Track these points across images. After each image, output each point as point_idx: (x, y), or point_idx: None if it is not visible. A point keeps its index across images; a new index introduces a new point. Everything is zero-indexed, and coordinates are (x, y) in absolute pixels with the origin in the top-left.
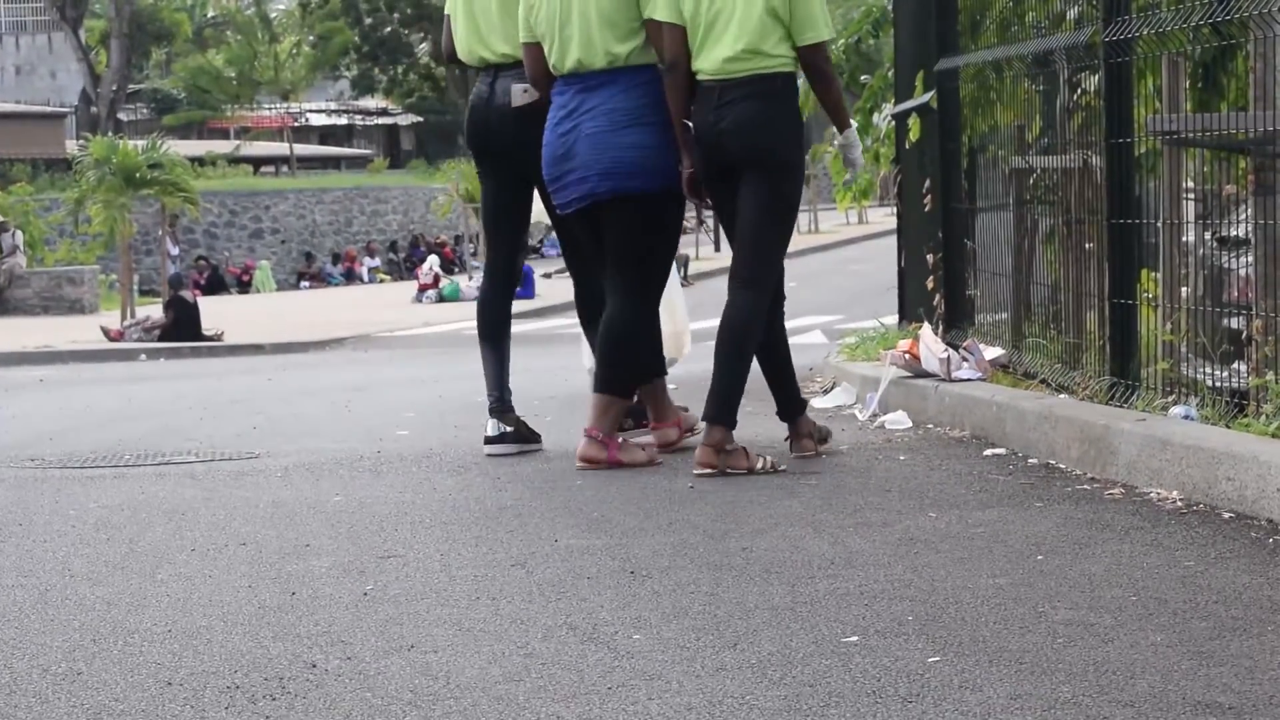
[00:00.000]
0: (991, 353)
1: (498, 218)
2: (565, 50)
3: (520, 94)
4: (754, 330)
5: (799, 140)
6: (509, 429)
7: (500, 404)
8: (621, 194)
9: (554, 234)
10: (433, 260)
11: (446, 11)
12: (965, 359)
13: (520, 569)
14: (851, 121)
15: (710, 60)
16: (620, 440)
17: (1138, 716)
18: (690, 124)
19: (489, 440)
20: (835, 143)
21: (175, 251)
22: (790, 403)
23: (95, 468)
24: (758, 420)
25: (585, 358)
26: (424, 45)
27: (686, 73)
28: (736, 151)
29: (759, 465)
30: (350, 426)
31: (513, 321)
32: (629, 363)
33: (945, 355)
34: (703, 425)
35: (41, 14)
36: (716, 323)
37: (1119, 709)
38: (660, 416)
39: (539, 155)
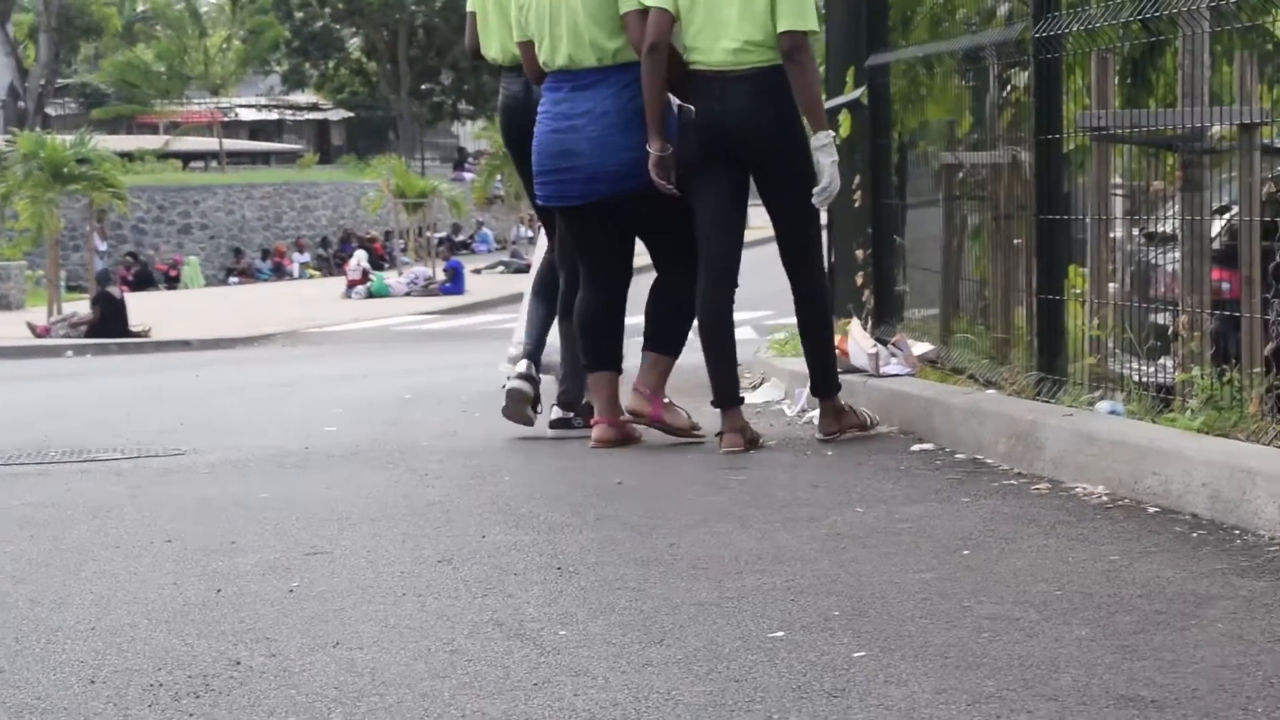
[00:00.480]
0: (920, 348)
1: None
2: (556, 47)
3: None
4: (828, 305)
5: (801, 126)
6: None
7: (531, 357)
8: (628, 193)
9: (484, 230)
10: (360, 256)
11: (470, 9)
12: (894, 354)
13: (447, 565)
14: (829, 129)
15: (713, 51)
16: (666, 401)
17: (1061, 710)
18: (676, 107)
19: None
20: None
21: (104, 247)
22: (727, 395)
23: (19, 464)
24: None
25: (512, 346)
26: (355, 40)
27: (666, 56)
28: (742, 144)
29: (868, 422)
30: (277, 423)
31: (440, 318)
32: (676, 322)
33: (874, 351)
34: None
35: None
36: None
37: (1043, 703)
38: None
39: None
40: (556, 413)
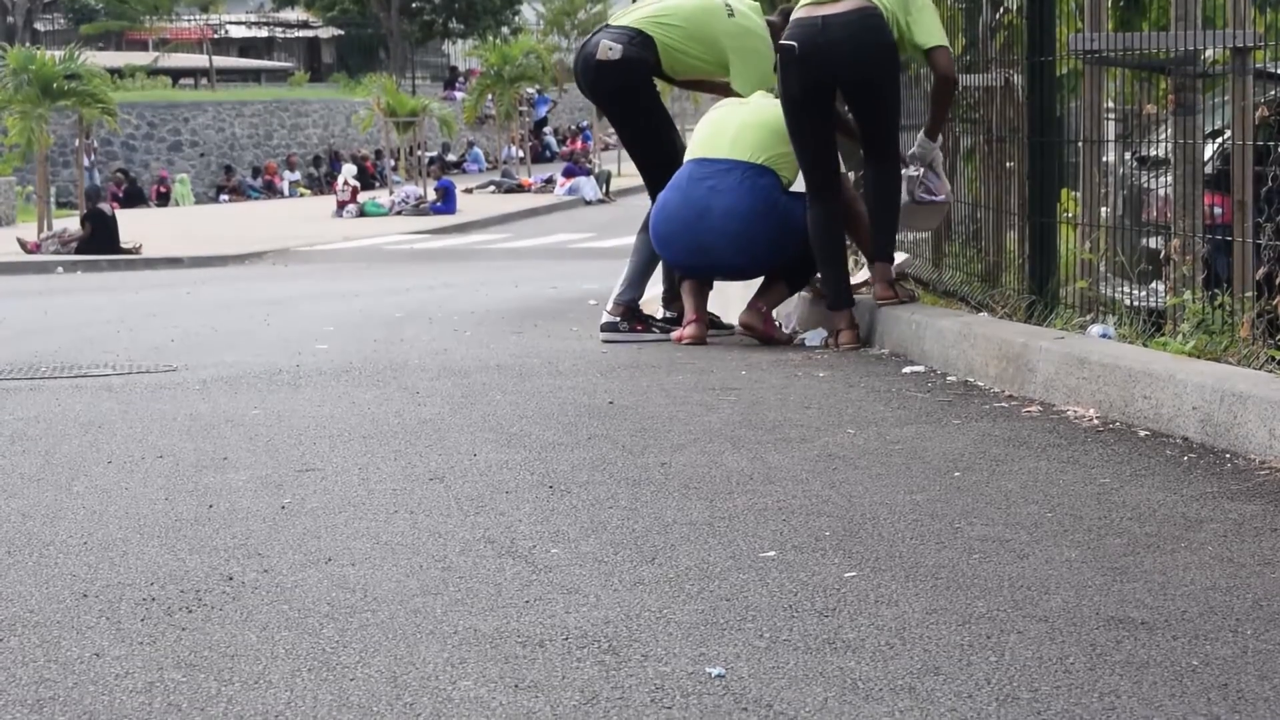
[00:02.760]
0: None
1: (628, 145)
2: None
3: (605, 49)
4: (899, 174)
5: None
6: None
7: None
8: None
9: (475, 150)
10: (348, 170)
11: None
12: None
13: (439, 483)
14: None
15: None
16: (776, 320)
17: (1051, 631)
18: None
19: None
20: None
21: (87, 163)
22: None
23: (10, 380)
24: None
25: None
26: None
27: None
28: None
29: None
30: (269, 340)
31: (431, 238)
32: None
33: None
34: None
35: None
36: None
37: (1033, 624)
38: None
39: (615, 100)
40: (606, 317)
